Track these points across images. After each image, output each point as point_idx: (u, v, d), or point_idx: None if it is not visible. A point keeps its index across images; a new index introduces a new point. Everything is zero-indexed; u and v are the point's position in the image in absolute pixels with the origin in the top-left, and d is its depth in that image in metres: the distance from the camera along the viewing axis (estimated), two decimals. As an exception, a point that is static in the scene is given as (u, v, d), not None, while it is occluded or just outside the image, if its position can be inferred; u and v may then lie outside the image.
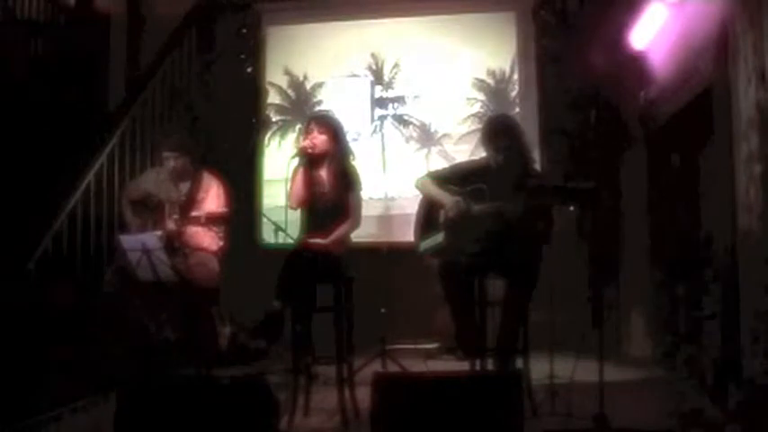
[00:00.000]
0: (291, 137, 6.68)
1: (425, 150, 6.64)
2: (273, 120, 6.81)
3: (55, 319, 4.51)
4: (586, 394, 3.70)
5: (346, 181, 4.33)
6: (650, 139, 5.48)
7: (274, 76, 6.82)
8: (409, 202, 5.59)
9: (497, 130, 4.27)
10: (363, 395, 3.61)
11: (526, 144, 4.32)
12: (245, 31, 6.76)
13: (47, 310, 4.52)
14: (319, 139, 4.32)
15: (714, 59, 4.01)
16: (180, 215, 4.88)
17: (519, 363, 4.00)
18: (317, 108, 6.69)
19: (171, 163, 4.96)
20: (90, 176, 5.24)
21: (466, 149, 6.36)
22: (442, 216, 4.19)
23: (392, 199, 6.50)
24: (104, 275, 4.96)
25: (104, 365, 4.40)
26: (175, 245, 4.77)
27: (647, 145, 5.53)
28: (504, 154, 4.16)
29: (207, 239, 4.93)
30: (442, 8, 6.68)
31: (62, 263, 4.91)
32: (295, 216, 4.41)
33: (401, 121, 6.69)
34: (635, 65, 5.09)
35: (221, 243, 5.00)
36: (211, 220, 4.91)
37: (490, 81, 6.60)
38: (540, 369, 4.18)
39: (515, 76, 6.56)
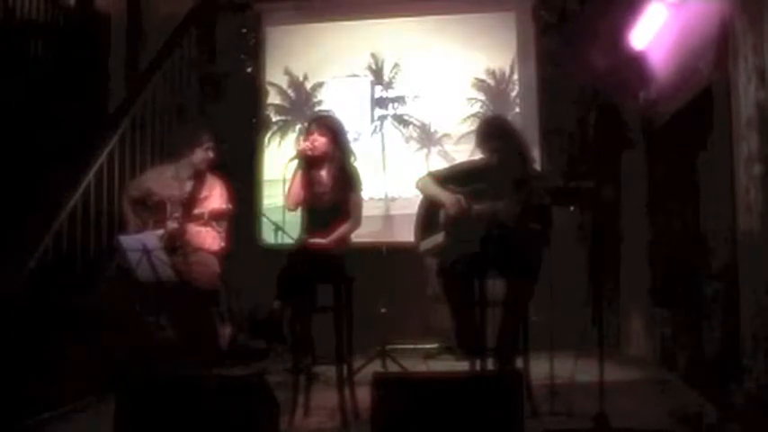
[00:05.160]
0: (291, 137, 6.68)
1: (425, 150, 6.64)
2: (273, 120, 6.81)
3: (55, 319, 4.51)
4: (586, 394, 3.70)
5: (347, 181, 4.34)
6: (650, 139, 5.49)
7: (274, 76, 6.82)
8: (409, 202, 5.59)
9: (488, 133, 4.30)
10: (363, 395, 3.61)
11: (522, 144, 4.33)
12: (245, 31, 6.76)
13: (47, 309, 4.52)
14: (319, 141, 4.32)
15: (714, 59, 4.01)
16: (182, 213, 4.88)
17: (519, 363, 4.00)
18: (318, 108, 6.69)
19: (210, 154, 4.98)
20: (90, 176, 5.24)
21: (466, 149, 6.34)
22: (442, 216, 4.20)
23: (392, 199, 6.50)
24: (104, 275, 4.97)
25: (104, 365, 4.40)
26: (177, 244, 4.77)
27: (647, 145, 5.53)
28: (501, 153, 4.17)
29: (208, 239, 4.94)
30: (442, 8, 6.68)
31: (62, 263, 4.91)
32: (295, 216, 4.41)
33: (401, 121, 6.69)
34: (635, 65, 5.09)
35: (222, 243, 5.00)
36: (215, 216, 4.91)
37: (490, 81, 6.60)
38: (540, 369, 4.19)
39: (515, 76, 6.56)
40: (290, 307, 4.13)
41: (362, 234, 4.62)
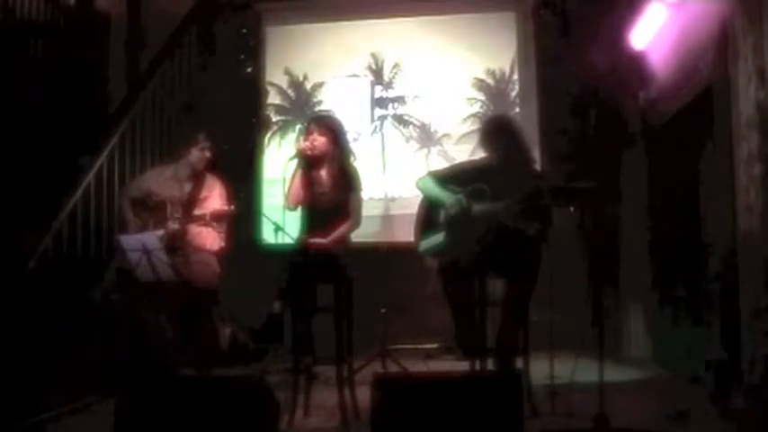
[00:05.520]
0: (291, 137, 6.68)
1: (425, 150, 6.64)
2: (273, 120, 6.81)
3: (55, 319, 4.51)
4: (586, 394, 3.70)
5: (346, 181, 4.34)
6: (650, 139, 5.48)
7: (274, 76, 6.82)
8: (409, 203, 5.58)
9: (495, 130, 4.30)
10: (363, 395, 3.61)
11: (525, 143, 4.34)
12: (245, 31, 6.76)
13: (47, 309, 4.52)
14: (319, 141, 4.32)
15: (714, 59, 4.01)
16: (183, 214, 4.88)
17: (519, 363, 4.00)
18: (318, 108, 6.69)
19: (206, 153, 4.97)
20: (90, 177, 5.24)
21: (466, 149, 6.36)
22: (442, 216, 4.20)
23: (392, 199, 6.50)
24: (104, 275, 4.96)
25: (104, 365, 4.40)
26: (177, 244, 4.77)
27: (647, 145, 5.53)
28: (503, 153, 4.18)
29: (209, 240, 4.93)
30: (442, 8, 6.68)
31: (62, 263, 4.91)
32: (295, 216, 4.41)
33: (401, 121, 6.69)
34: (635, 65, 5.09)
35: (223, 244, 5.00)
36: (216, 218, 4.90)
37: (490, 81, 6.60)
38: (540, 369, 4.18)
39: (515, 77, 6.56)
40: (290, 307, 4.13)
41: (362, 234, 4.61)
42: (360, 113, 6.67)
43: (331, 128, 4.41)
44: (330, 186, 4.33)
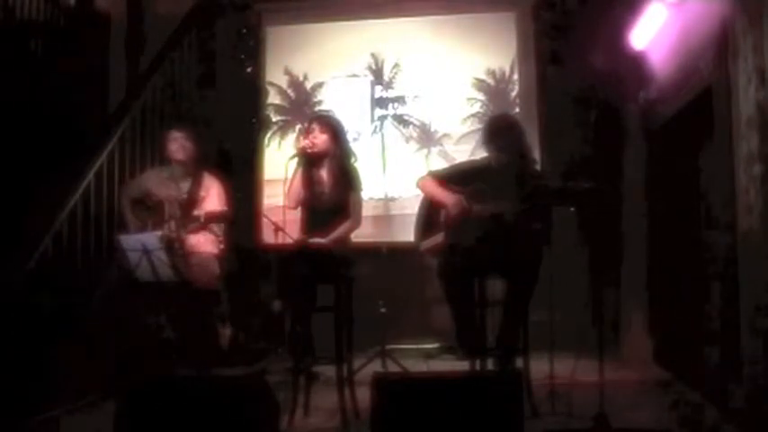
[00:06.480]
0: (291, 137, 6.69)
1: (425, 150, 6.64)
2: (273, 120, 6.81)
3: (54, 319, 4.51)
4: (586, 394, 3.70)
5: (347, 181, 4.34)
6: (650, 139, 5.48)
7: (274, 76, 6.83)
8: (409, 203, 5.61)
9: (499, 130, 4.29)
10: (363, 395, 3.62)
11: (527, 144, 4.34)
12: (245, 31, 6.76)
13: (46, 310, 4.52)
14: (320, 139, 4.33)
15: (714, 59, 4.00)
16: (180, 214, 4.88)
17: (519, 363, 4.00)
18: (317, 108, 6.69)
19: (181, 142, 4.95)
20: (90, 176, 5.23)
21: (466, 149, 6.37)
22: (443, 216, 4.20)
23: (392, 199, 6.50)
24: (104, 275, 4.96)
25: (104, 365, 4.39)
26: (176, 245, 4.77)
27: (647, 145, 5.53)
28: (506, 153, 4.17)
29: (208, 244, 4.93)
30: (442, 8, 6.69)
31: (62, 263, 4.91)
32: (295, 216, 4.41)
33: (401, 121, 6.69)
34: (635, 65, 5.09)
35: (222, 246, 5.00)
36: (211, 219, 4.90)
37: (490, 81, 6.60)
38: (540, 369, 4.19)
39: (515, 76, 6.57)
40: (290, 307, 4.13)
41: (362, 234, 4.61)
42: (360, 113, 6.67)
43: (331, 126, 4.41)
44: (330, 186, 4.33)
